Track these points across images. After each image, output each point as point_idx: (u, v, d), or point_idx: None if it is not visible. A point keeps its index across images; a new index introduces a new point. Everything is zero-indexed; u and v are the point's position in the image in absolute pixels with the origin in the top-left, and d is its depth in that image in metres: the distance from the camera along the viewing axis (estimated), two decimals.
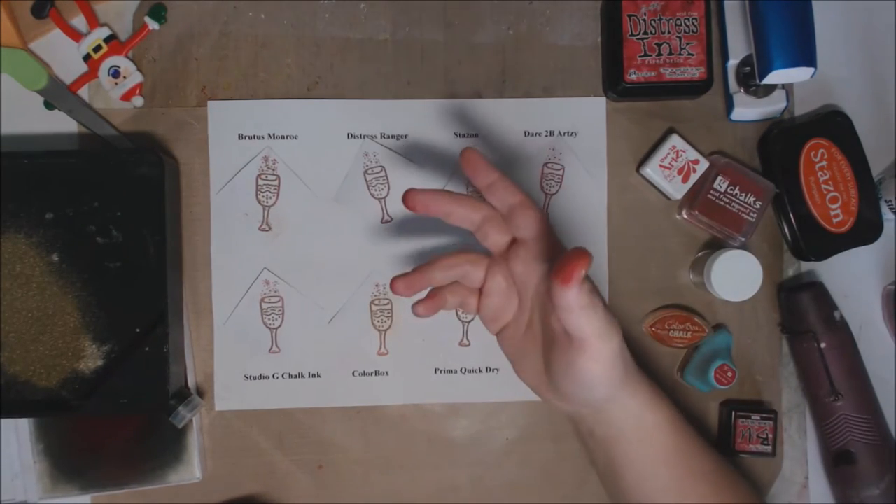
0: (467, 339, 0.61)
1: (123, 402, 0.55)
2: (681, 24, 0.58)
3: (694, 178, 0.60)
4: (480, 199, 0.45)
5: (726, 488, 0.47)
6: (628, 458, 0.46)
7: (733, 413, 0.59)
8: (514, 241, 0.45)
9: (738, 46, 0.61)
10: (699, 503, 0.46)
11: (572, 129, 0.62)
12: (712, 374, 0.58)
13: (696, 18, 0.59)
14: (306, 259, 0.61)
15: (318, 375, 0.61)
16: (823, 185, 0.60)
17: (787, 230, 0.61)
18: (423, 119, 0.61)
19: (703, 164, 0.60)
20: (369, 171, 0.61)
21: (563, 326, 0.41)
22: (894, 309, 0.61)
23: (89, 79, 0.60)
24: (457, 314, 0.61)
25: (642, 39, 0.58)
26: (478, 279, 0.46)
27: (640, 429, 0.45)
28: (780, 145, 0.60)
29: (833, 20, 0.63)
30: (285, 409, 0.61)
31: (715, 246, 0.61)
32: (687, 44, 0.59)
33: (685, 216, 0.61)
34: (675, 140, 0.60)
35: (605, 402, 0.44)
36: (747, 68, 0.60)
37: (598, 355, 0.41)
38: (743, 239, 0.60)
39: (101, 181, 0.56)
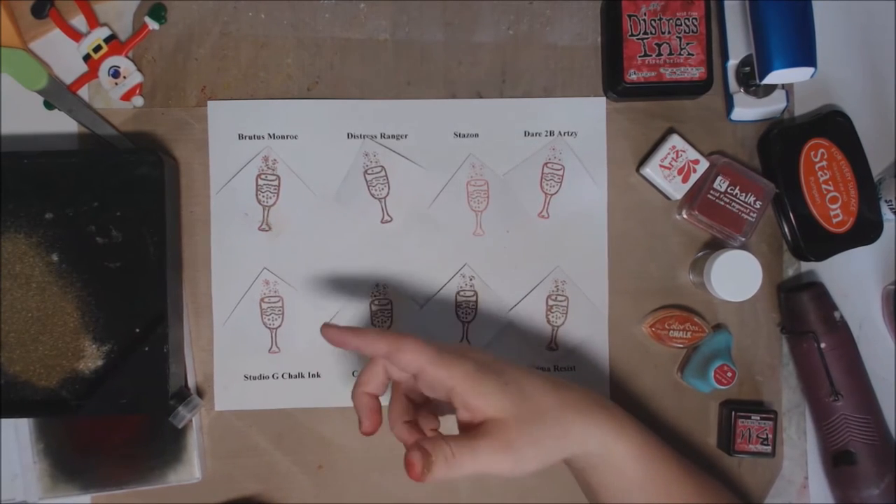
0: (467, 340, 0.61)
1: (123, 402, 0.55)
2: (681, 24, 0.58)
3: (694, 178, 0.60)
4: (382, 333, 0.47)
5: None
6: (603, 485, 0.47)
7: (733, 413, 0.59)
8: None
9: (738, 46, 0.61)
10: None
11: (572, 129, 0.62)
12: (712, 374, 0.58)
13: (696, 18, 0.59)
14: (306, 259, 0.61)
15: (318, 375, 0.61)
16: (823, 185, 0.60)
17: (787, 230, 0.61)
18: (423, 119, 0.61)
19: (703, 164, 0.60)
20: (369, 171, 0.61)
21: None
22: (894, 309, 0.61)
23: (89, 79, 0.60)
24: (457, 314, 0.61)
25: (642, 39, 0.58)
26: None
27: (608, 460, 0.46)
28: (780, 145, 0.60)
29: (833, 20, 0.63)
30: (285, 409, 0.61)
31: (715, 246, 0.61)
32: (687, 44, 0.59)
33: (685, 216, 0.61)
34: (675, 140, 0.60)
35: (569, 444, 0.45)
36: (747, 68, 0.60)
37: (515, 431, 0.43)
38: (743, 239, 0.60)
39: (101, 181, 0.56)
